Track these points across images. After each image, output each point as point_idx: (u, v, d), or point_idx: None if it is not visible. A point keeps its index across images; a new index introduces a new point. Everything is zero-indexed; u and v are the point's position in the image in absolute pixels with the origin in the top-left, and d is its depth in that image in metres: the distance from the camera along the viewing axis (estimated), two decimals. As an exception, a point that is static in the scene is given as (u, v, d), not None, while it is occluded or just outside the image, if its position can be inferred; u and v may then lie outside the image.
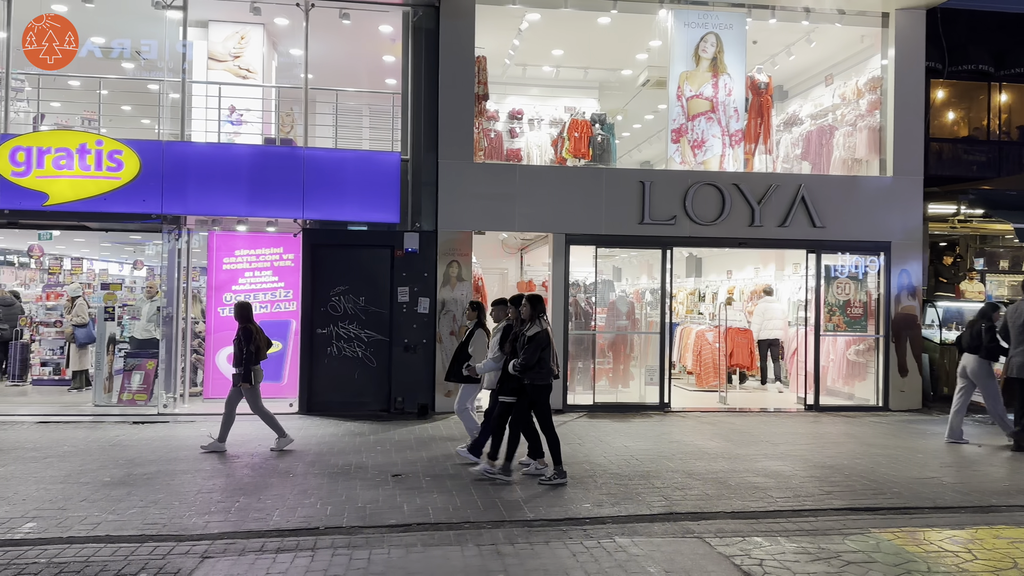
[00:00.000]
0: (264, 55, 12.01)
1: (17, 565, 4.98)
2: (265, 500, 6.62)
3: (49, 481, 7.15)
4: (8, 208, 10.38)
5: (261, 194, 10.86)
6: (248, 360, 8.58)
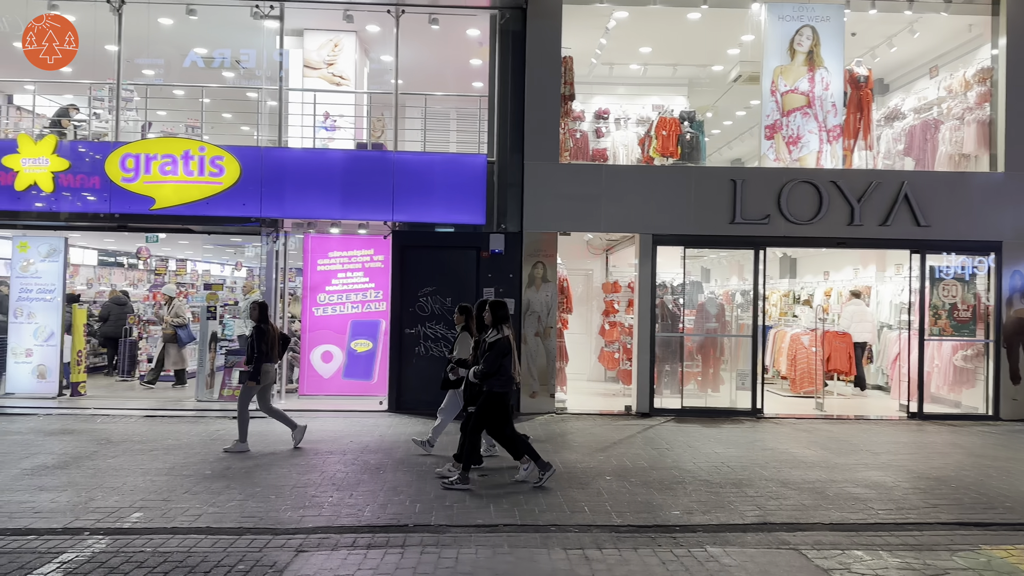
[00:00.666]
0: (356, 62, 12.31)
1: (125, 553, 5.25)
2: (357, 496, 6.76)
3: (155, 473, 7.52)
4: (119, 212, 10.99)
5: (353, 197, 11.14)
6: (259, 359, 8.61)
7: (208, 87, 11.91)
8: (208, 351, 11.87)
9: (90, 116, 12.23)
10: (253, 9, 11.14)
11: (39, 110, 13.09)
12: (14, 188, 10.81)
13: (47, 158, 10.80)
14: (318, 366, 11.91)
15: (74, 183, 10.88)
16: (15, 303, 11.83)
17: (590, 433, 10.00)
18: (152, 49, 11.92)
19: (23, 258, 11.97)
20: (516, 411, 11.24)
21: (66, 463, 7.84)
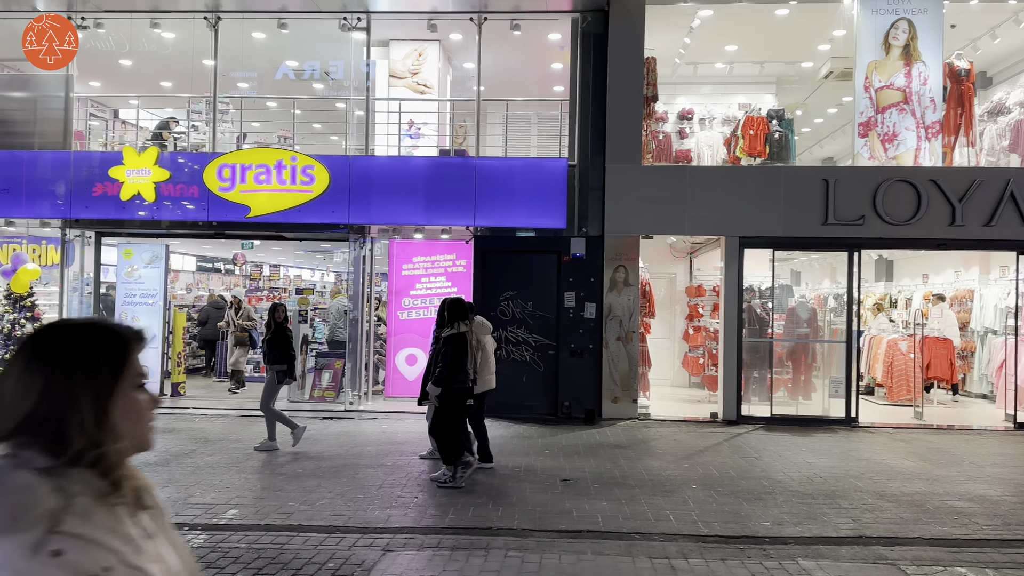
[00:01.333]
0: (440, 70, 12.51)
1: (222, 549, 5.46)
2: (441, 498, 6.85)
3: (249, 471, 7.81)
4: (216, 220, 11.49)
5: (436, 203, 11.31)
6: (293, 358, 9.02)
7: (299, 98, 12.34)
8: (299, 353, 12.25)
9: (189, 128, 12.85)
10: (341, 21, 11.46)
11: (142, 123, 13.82)
12: (120, 198, 11.43)
13: (150, 169, 11.39)
14: (403, 368, 12.13)
15: (174, 192, 11.43)
16: (120, 307, 12.50)
17: (674, 440, 9.83)
18: (246, 63, 12.42)
19: (128, 264, 12.65)
20: (599, 416, 11.16)
21: (167, 460, 8.23)
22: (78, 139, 12.25)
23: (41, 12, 11.56)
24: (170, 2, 11.26)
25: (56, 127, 11.73)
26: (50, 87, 11.95)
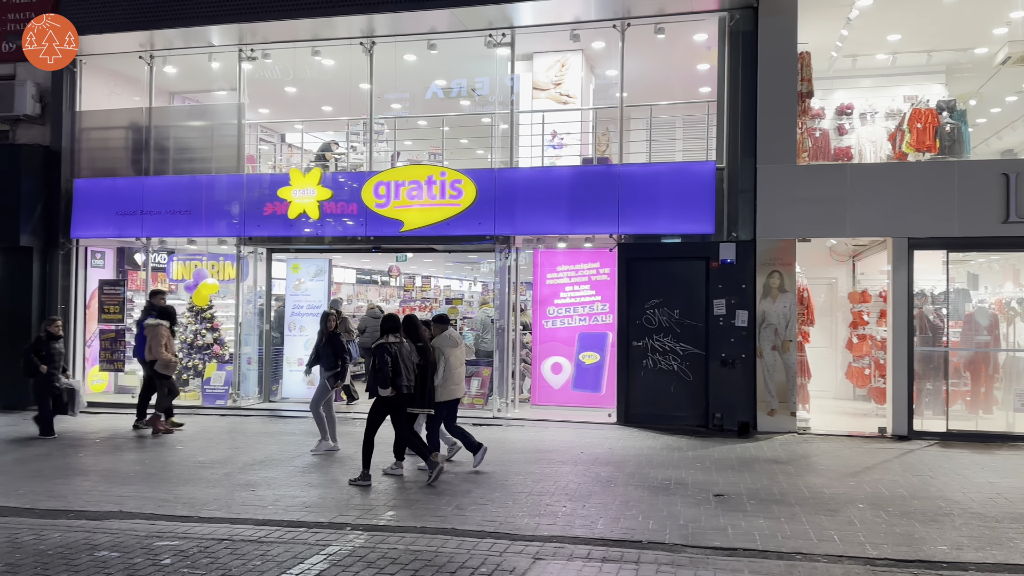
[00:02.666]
0: (582, 79, 12.53)
1: (381, 549, 5.69)
2: (589, 508, 6.81)
3: (405, 474, 8.10)
4: (373, 235, 12.08)
5: (579, 212, 11.32)
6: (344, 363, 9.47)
7: (447, 116, 12.75)
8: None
9: (348, 149, 13.60)
10: (487, 38, 11.75)
11: (306, 146, 14.77)
12: (287, 216, 12.27)
13: (314, 189, 12.15)
14: (548, 377, 12.20)
15: (335, 210, 12.13)
16: (289, 318, 13.39)
17: (837, 456, 9.26)
18: (399, 84, 13.00)
19: (295, 278, 13.55)
20: (753, 429, 10.72)
21: (330, 462, 8.71)
22: (250, 163, 13.28)
23: (216, 47, 12.64)
24: (329, 30, 11.97)
25: (230, 152, 12.76)
26: (224, 115, 13.04)
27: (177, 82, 14.11)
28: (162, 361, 10.62)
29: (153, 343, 10.65)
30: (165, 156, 13.08)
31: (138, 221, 12.74)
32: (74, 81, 13.21)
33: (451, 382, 8.47)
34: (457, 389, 8.58)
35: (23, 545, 5.75)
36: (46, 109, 13.13)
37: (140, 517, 6.55)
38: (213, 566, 5.32)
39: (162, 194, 12.71)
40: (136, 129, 13.24)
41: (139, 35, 12.35)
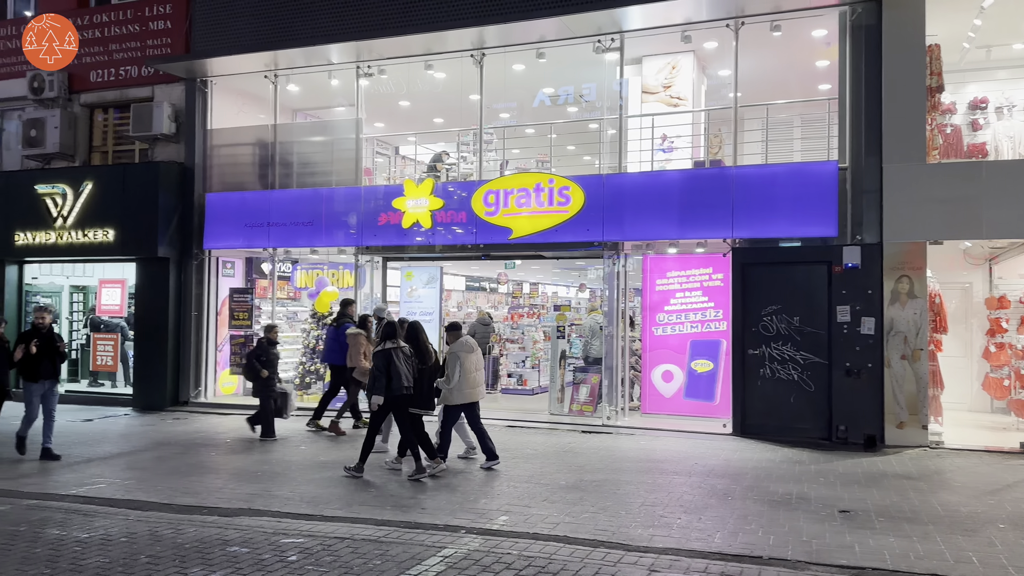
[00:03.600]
0: (694, 80, 12.28)
1: (495, 553, 5.75)
2: (705, 520, 6.64)
3: (516, 480, 8.16)
4: (483, 243, 12.26)
5: (691, 216, 11.10)
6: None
7: (555, 123, 12.79)
8: (558, 368, 12.62)
9: (459, 159, 13.87)
10: (595, 44, 11.71)
11: (419, 157, 15.17)
12: (401, 226, 12.63)
13: (426, 199, 12.45)
14: (659, 385, 12.00)
15: (447, 219, 12.39)
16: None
17: (974, 472, 8.65)
18: (507, 94, 13.16)
19: (408, 286, 13.93)
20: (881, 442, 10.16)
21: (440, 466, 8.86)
22: (366, 175, 13.76)
23: (335, 64, 13.19)
24: (440, 44, 12.26)
25: (349, 165, 13.27)
26: (343, 131, 13.58)
27: (299, 100, 14.81)
28: (360, 369, 10.86)
29: (353, 351, 10.92)
30: (289, 170, 13.75)
31: (265, 232, 13.44)
32: (205, 101, 14.10)
33: (467, 386, 8.77)
34: (473, 392, 8.85)
35: (163, 538, 6.16)
36: (180, 128, 14.07)
37: (267, 514, 6.89)
38: (336, 564, 5.52)
39: (286, 206, 13.37)
40: (262, 145, 13.99)
41: (264, 56, 13.04)
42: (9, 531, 6.33)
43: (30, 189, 14.23)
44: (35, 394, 9.35)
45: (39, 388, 9.35)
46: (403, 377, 8.36)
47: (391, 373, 8.31)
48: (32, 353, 9.19)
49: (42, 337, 9.36)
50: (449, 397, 8.75)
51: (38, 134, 14.51)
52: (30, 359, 9.22)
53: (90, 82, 14.75)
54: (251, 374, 10.91)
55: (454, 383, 8.70)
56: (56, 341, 9.48)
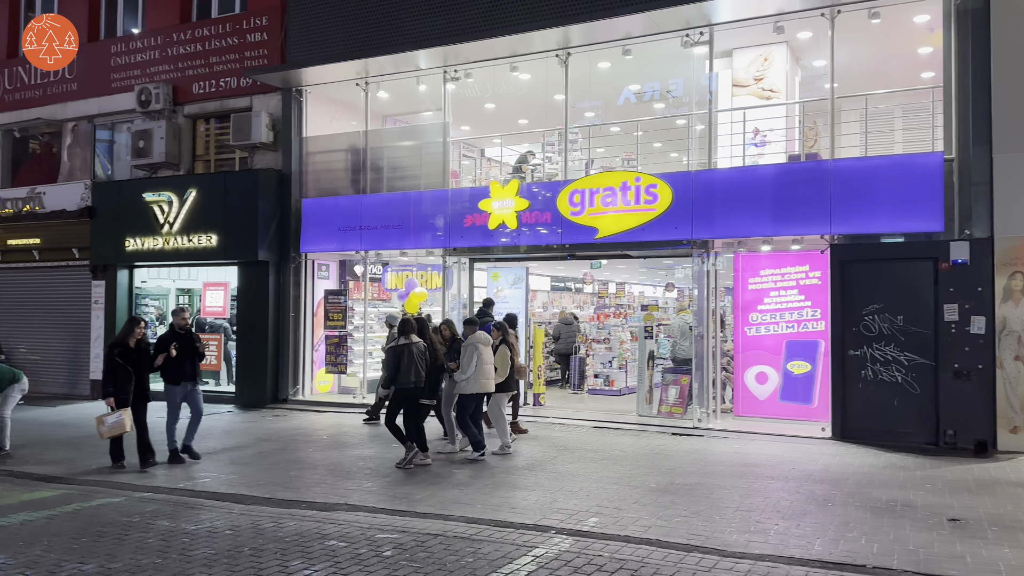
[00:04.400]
0: (787, 72, 11.90)
1: (586, 555, 5.72)
2: (804, 527, 6.42)
3: (605, 481, 8.10)
4: (568, 243, 12.23)
5: (785, 212, 10.77)
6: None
7: (642, 120, 12.63)
8: (646, 369, 12.45)
9: (543, 160, 13.89)
10: (683, 39, 11.51)
11: (504, 159, 15.27)
12: (488, 227, 12.74)
13: (512, 200, 12.52)
14: (752, 387, 11.67)
15: (532, 219, 12.42)
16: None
17: (1101, 482, 8.05)
18: (592, 92, 13.08)
19: (495, 286, 14.04)
20: (992, 447, 9.60)
21: (532, 466, 8.89)
22: (453, 178, 13.94)
23: (423, 70, 13.42)
24: (526, 45, 12.30)
25: (436, 169, 13.48)
26: (431, 135, 13.81)
27: (389, 106, 15.14)
28: (519, 368, 10.92)
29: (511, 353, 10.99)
30: (380, 175, 14.09)
31: (357, 236, 13.81)
32: (301, 110, 14.59)
33: (482, 376, 9.26)
34: (488, 383, 9.35)
35: (264, 532, 6.40)
36: (278, 136, 14.61)
37: (363, 510, 7.07)
38: (429, 560, 5.61)
39: (377, 210, 13.70)
40: (354, 151, 14.38)
41: (356, 64, 13.40)
42: (123, 522, 6.72)
43: (139, 197, 15.07)
44: (178, 396, 9.32)
45: (181, 391, 9.33)
46: (412, 372, 8.93)
47: (400, 368, 8.89)
48: (172, 356, 9.12)
49: (182, 339, 9.31)
50: (464, 387, 9.25)
51: (145, 145, 15.34)
52: (170, 361, 9.16)
53: (193, 94, 15.50)
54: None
55: (469, 373, 9.20)
56: (196, 342, 9.48)
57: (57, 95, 17.03)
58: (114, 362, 8.86)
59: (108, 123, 16.72)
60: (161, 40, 15.82)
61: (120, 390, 8.85)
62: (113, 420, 8.76)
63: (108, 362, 8.93)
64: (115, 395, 8.81)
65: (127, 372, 8.89)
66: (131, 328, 9.09)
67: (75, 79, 16.83)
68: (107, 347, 9.16)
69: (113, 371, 8.85)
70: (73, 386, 16.16)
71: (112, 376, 8.86)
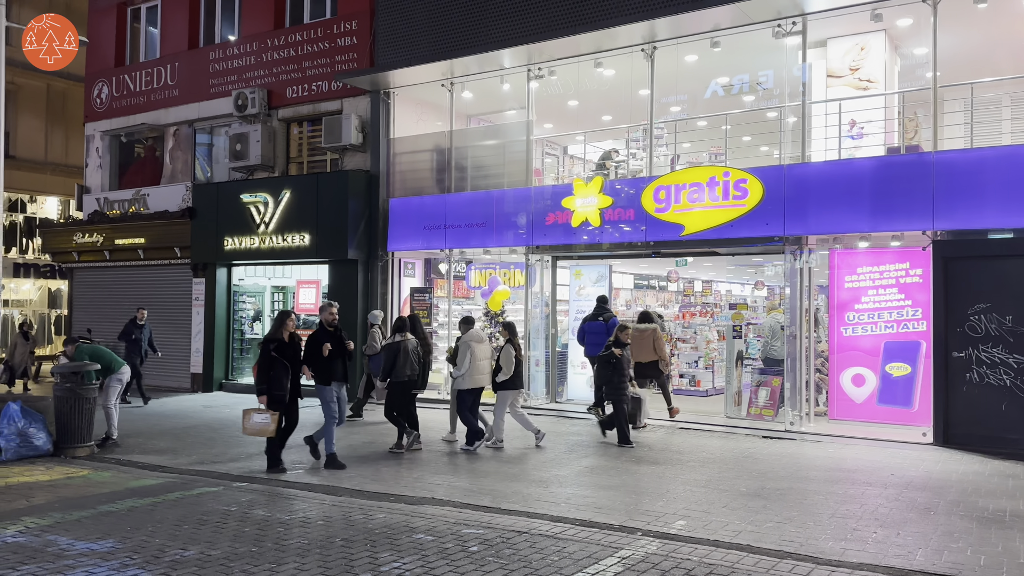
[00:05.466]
0: (885, 61, 11.38)
1: (674, 558, 5.62)
2: (905, 536, 6.13)
3: (692, 484, 7.94)
4: (653, 240, 12.06)
5: (884, 207, 10.32)
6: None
7: (731, 114, 12.31)
8: (735, 369, 12.15)
9: (627, 156, 13.73)
10: (775, 29, 11.16)
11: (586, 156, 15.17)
12: (570, 225, 12.69)
13: (595, 197, 12.43)
14: (848, 389, 11.22)
15: (616, 216, 12.30)
16: (572, 322, 13.82)
17: None
18: (679, 86, 12.84)
19: (577, 284, 13.97)
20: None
21: (616, 466, 8.82)
22: (536, 176, 13.95)
23: (507, 69, 13.48)
24: (610, 41, 12.17)
25: (520, 167, 13.52)
26: (514, 133, 13.85)
27: (473, 105, 15.28)
28: (664, 359, 11.65)
29: (657, 344, 11.54)
30: (464, 174, 14.24)
31: (442, 235, 14.00)
32: (388, 111, 14.89)
33: (476, 372, 9.73)
34: (482, 379, 9.82)
35: (355, 523, 6.56)
36: (366, 138, 14.95)
37: (449, 505, 7.15)
38: (515, 557, 5.63)
39: (461, 209, 13.85)
40: (439, 151, 14.58)
41: (442, 65, 13.57)
42: (222, 511, 7.00)
43: (236, 199, 15.70)
44: (332, 396, 8.94)
45: (331, 392, 8.95)
46: (407, 366, 9.53)
47: (396, 363, 9.48)
48: (325, 355, 8.74)
49: (333, 337, 8.88)
50: (460, 383, 9.75)
51: (242, 148, 15.97)
52: (323, 361, 8.78)
53: (286, 98, 16.03)
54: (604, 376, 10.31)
55: (464, 369, 9.66)
56: (345, 340, 9.01)
57: (160, 101, 17.92)
58: (271, 357, 8.43)
59: (207, 127, 17.48)
60: (256, 46, 16.42)
61: (276, 386, 8.42)
62: (260, 420, 8.40)
63: (265, 358, 8.46)
64: (269, 392, 8.38)
65: (284, 367, 8.49)
66: (283, 321, 8.64)
67: (176, 85, 17.66)
68: (262, 343, 8.71)
69: (269, 367, 8.42)
70: (175, 379, 16.99)
71: (267, 372, 8.41)
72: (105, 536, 6.15)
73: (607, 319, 11.95)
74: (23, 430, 9.42)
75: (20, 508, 7.07)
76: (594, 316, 12.19)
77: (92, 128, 19.23)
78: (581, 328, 12.43)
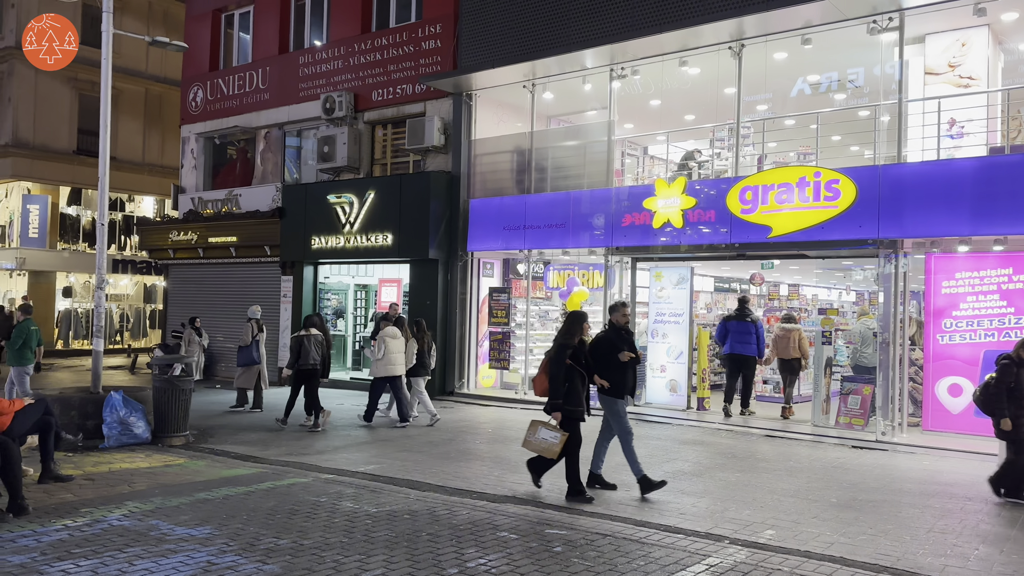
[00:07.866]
0: (988, 57, 10.85)
1: (764, 568, 5.49)
2: (1009, 554, 5.87)
3: (780, 493, 7.74)
4: (737, 242, 11.81)
5: (986, 209, 9.85)
6: None
7: (823, 112, 11.95)
8: (823, 376, 11.79)
9: (712, 156, 13.48)
10: (870, 25, 10.78)
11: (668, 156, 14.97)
12: (651, 226, 12.56)
13: (678, 198, 12.26)
14: (944, 400, 10.73)
15: (698, 218, 12.11)
16: (651, 325, 13.66)
17: None
18: (765, 84, 12.55)
19: (658, 286, 13.79)
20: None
21: (699, 471, 8.67)
22: (616, 176, 13.86)
23: (588, 69, 13.43)
24: (696, 39, 11.99)
25: (600, 168, 13.46)
26: (595, 134, 13.79)
27: (553, 106, 15.30)
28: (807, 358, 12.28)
29: (801, 343, 12.29)
30: (544, 175, 14.26)
31: (521, 235, 14.07)
32: (470, 113, 15.06)
33: (388, 363, 11.34)
34: (394, 368, 11.38)
35: (440, 518, 6.65)
36: (448, 140, 15.16)
37: (531, 504, 7.18)
38: (600, 560, 5.61)
39: (541, 210, 13.88)
40: (520, 152, 14.65)
41: (523, 66, 13.64)
42: (312, 501, 7.21)
43: (323, 199, 16.14)
44: (624, 411, 7.65)
45: (623, 405, 7.65)
46: (310, 356, 11.24)
47: (300, 353, 11.19)
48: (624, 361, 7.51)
49: (627, 342, 7.65)
50: (375, 370, 11.45)
51: (329, 150, 16.41)
52: (618, 370, 7.52)
53: (372, 101, 16.40)
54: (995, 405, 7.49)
55: (379, 357, 11.32)
56: (636, 347, 7.78)
57: (251, 104, 18.58)
58: (567, 366, 7.28)
59: (296, 130, 18.04)
60: (343, 50, 16.85)
61: (574, 400, 7.31)
62: (549, 438, 7.33)
63: (557, 367, 7.27)
64: (564, 408, 7.27)
65: (581, 378, 7.38)
66: (580, 325, 7.48)
67: (267, 89, 18.29)
68: (555, 348, 7.40)
69: (566, 376, 7.27)
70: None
71: (561, 384, 7.25)
72: (203, 523, 6.42)
73: (755, 319, 12.65)
74: (124, 419, 9.91)
75: (123, 493, 7.44)
76: (739, 316, 12.63)
77: (187, 130, 20.10)
78: (724, 326, 12.85)
